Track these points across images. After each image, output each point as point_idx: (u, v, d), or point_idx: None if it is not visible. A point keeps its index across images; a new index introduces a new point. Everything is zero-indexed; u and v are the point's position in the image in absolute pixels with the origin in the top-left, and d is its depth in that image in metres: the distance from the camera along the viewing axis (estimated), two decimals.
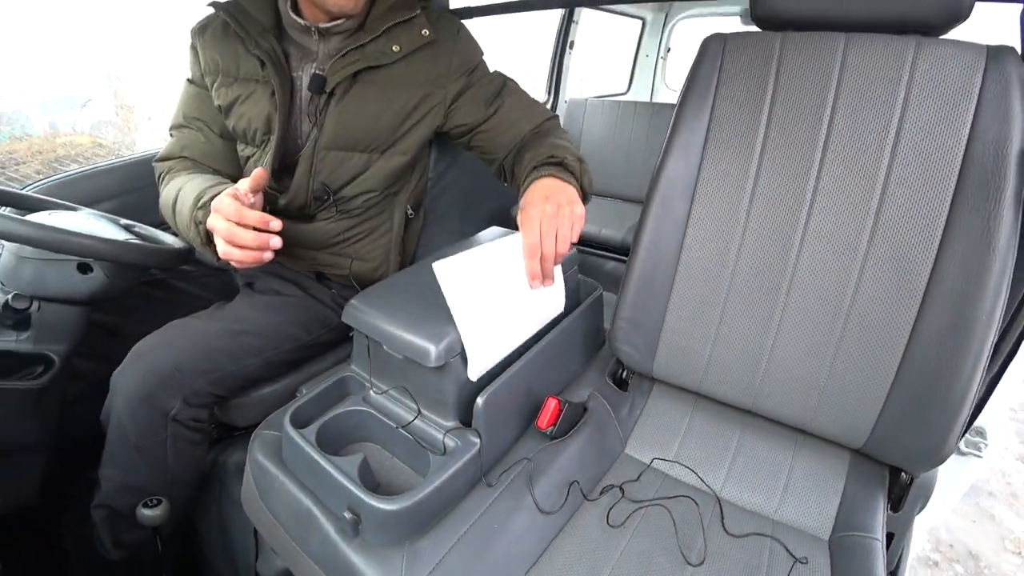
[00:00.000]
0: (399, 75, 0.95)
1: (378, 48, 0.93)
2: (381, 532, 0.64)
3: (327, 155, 0.96)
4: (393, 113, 0.95)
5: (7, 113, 2.89)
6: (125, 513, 0.86)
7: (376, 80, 0.94)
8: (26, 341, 0.86)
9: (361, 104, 0.94)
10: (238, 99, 0.96)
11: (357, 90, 0.94)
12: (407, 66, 0.95)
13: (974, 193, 0.68)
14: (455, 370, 0.72)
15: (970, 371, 0.68)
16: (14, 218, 0.75)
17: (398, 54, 0.94)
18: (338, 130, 0.94)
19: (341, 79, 0.92)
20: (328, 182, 0.97)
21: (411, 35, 0.95)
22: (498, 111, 0.99)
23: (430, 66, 0.96)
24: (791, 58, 0.80)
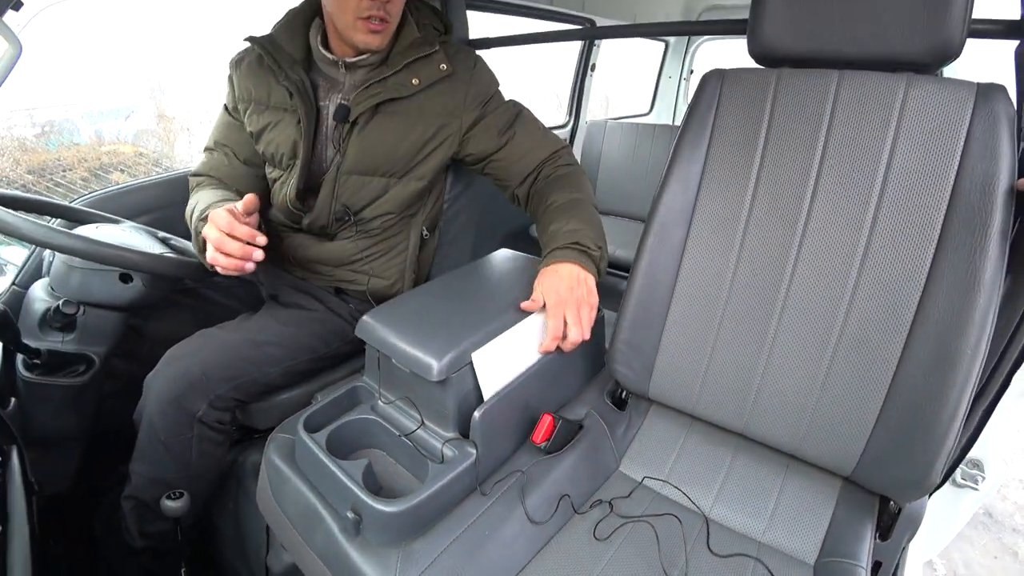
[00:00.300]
0: (418, 106, 1.02)
1: (399, 81, 1.00)
2: (380, 532, 0.69)
3: (348, 179, 1.03)
4: (411, 142, 1.02)
5: (58, 122, 3.04)
6: (151, 505, 0.94)
7: (396, 111, 1.02)
8: (71, 342, 0.95)
9: (381, 133, 1.01)
10: (268, 126, 1.04)
11: (378, 120, 1.01)
12: (425, 98, 1.02)
13: (961, 228, 0.70)
14: (456, 384, 0.77)
15: (955, 403, 0.70)
16: (66, 232, 0.83)
17: (417, 87, 1.01)
18: (359, 156, 1.01)
19: (364, 109, 0.99)
20: (349, 204, 1.04)
21: (430, 69, 1.02)
22: (510, 141, 1.05)
23: (447, 98, 1.03)
24: (786, 94, 0.83)
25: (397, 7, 0.97)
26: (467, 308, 0.88)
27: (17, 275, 1.16)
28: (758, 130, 0.85)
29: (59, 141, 2.95)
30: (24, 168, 2.46)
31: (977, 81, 0.73)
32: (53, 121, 2.97)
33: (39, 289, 0.98)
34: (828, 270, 0.79)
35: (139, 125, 3.26)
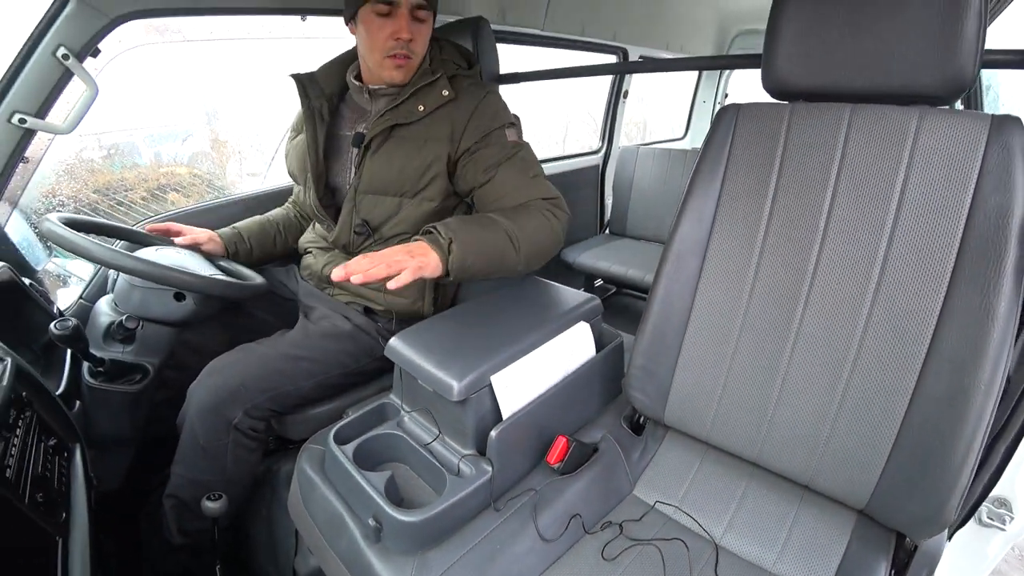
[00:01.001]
0: (422, 131, 1.11)
1: (407, 108, 1.10)
2: (398, 540, 0.74)
3: (365, 197, 1.13)
4: (416, 164, 1.11)
5: (121, 144, 3.26)
6: (190, 504, 1.01)
7: (405, 135, 1.11)
8: (130, 353, 1.04)
9: (391, 156, 1.11)
10: (292, 148, 1.22)
11: (390, 144, 1.12)
12: (430, 122, 1.11)
13: (975, 262, 0.69)
14: (475, 404, 0.82)
15: (969, 438, 0.69)
16: (131, 255, 0.93)
17: (423, 112, 1.10)
18: (373, 177, 1.12)
19: (376, 133, 1.10)
20: (367, 219, 1.14)
21: (433, 95, 1.11)
22: (492, 179, 1.09)
23: (449, 124, 1.11)
24: (799, 128, 0.84)
25: (419, 45, 1.10)
26: (490, 332, 0.93)
27: (84, 290, 1.28)
28: (771, 164, 0.86)
29: (122, 163, 3.16)
30: (91, 188, 2.66)
31: (991, 113, 0.73)
32: (118, 144, 3.19)
33: (104, 304, 1.09)
34: (840, 303, 0.79)
35: (195, 148, 3.47)
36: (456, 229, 0.93)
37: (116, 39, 1.12)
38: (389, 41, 1.06)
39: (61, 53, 1.02)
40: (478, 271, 0.95)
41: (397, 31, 1.05)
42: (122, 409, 1.04)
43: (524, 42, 2.03)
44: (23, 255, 1.18)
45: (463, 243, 0.92)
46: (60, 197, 2.31)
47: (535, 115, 4.69)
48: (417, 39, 1.08)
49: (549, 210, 1.07)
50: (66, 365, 1.02)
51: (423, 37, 1.09)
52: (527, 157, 1.13)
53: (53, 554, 0.62)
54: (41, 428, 0.76)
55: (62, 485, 0.73)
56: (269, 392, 1.04)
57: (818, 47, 0.81)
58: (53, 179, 2.29)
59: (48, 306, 1.11)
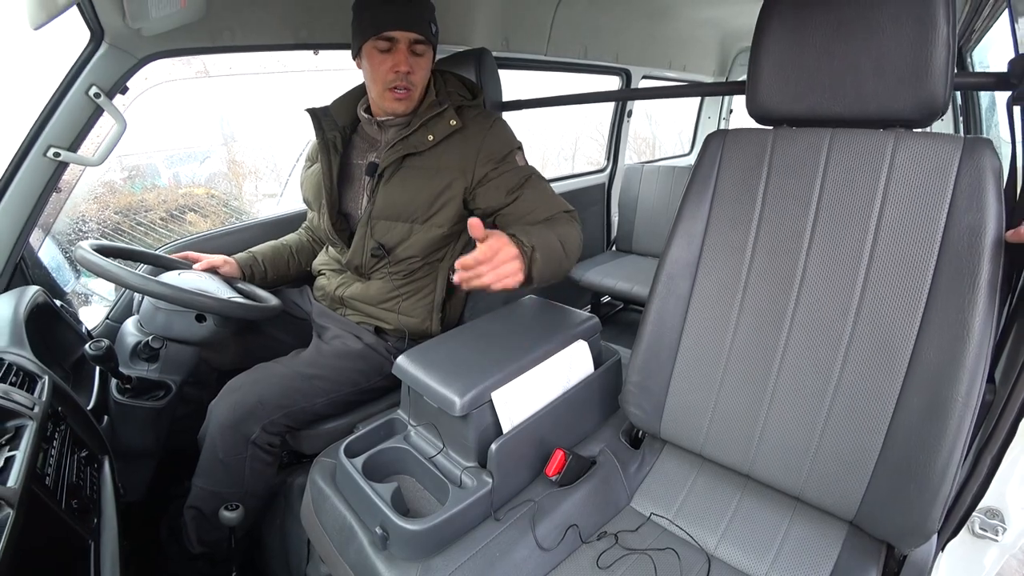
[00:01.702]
0: (435, 160, 1.18)
1: (417, 138, 1.17)
2: (404, 548, 0.79)
3: (378, 223, 1.20)
4: (427, 192, 1.17)
5: (142, 166, 3.36)
6: (209, 515, 1.07)
7: (416, 165, 1.18)
8: (154, 371, 1.11)
9: (403, 184, 1.18)
10: (308, 176, 1.31)
11: (402, 173, 1.18)
12: (442, 151, 1.18)
13: (950, 280, 0.73)
14: (476, 419, 0.87)
15: (949, 450, 0.72)
16: (156, 280, 1.00)
17: (433, 142, 1.17)
18: (385, 204, 1.19)
19: (388, 163, 1.17)
20: (383, 242, 1.21)
21: (441, 125, 1.18)
22: (517, 200, 1.15)
23: (459, 153, 1.17)
24: (782, 152, 0.89)
25: (419, 77, 1.16)
26: (492, 350, 0.98)
27: (111, 311, 1.36)
28: (757, 187, 0.90)
29: (142, 184, 3.26)
30: (112, 210, 2.76)
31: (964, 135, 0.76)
32: (139, 165, 3.29)
33: (130, 325, 1.16)
34: (824, 321, 0.83)
35: (212, 169, 3.58)
36: (537, 240, 0.95)
37: (143, 76, 1.21)
38: (390, 74, 1.13)
39: (93, 92, 1.10)
40: (546, 277, 0.99)
41: (396, 64, 1.12)
42: (147, 423, 1.10)
43: (528, 67, 2.10)
44: (54, 278, 1.26)
45: (542, 251, 0.95)
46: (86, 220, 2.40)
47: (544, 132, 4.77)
48: (416, 71, 1.14)
49: (573, 220, 1.16)
50: (95, 382, 1.08)
51: (422, 69, 1.16)
52: (541, 179, 1.21)
53: (87, 555, 0.68)
54: (74, 441, 0.82)
55: (94, 493, 0.79)
56: (285, 409, 1.10)
57: (798, 74, 0.85)
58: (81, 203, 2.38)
59: (77, 326, 1.18)
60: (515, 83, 1.86)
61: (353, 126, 1.28)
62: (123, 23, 1.06)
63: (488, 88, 1.46)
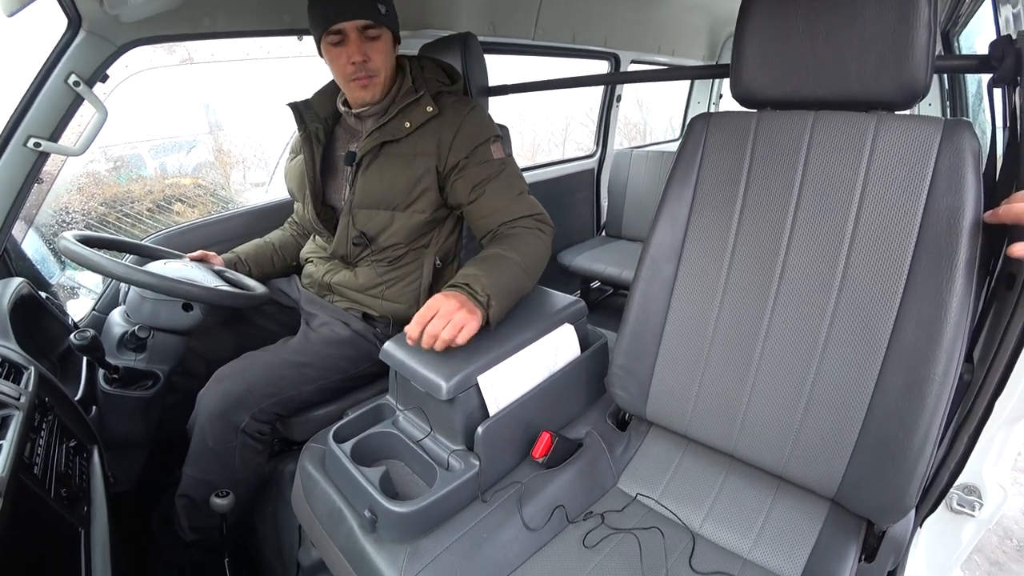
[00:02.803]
0: (410, 147, 1.17)
1: (394, 125, 1.17)
2: (392, 530, 0.80)
3: (359, 212, 1.20)
4: (406, 179, 1.17)
5: (127, 156, 3.32)
6: (200, 504, 1.07)
7: (393, 152, 1.18)
8: (142, 361, 1.11)
9: (381, 172, 1.18)
10: (292, 167, 1.30)
11: (380, 161, 1.18)
12: (418, 138, 1.17)
13: (929, 261, 0.73)
14: (462, 403, 0.88)
15: (926, 428, 0.73)
16: (142, 270, 1.00)
17: (409, 129, 1.16)
18: (365, 192, 1.18)
19: (366, 151, 1.17)
20: (365, 231, 1.20)
21: (418, 112, 1.17)
22: (479, 198, 1.15)
23: (435, 139, 1.17)
24: (765, 135, 0.89)
25: (377, 62, 1.13)
26: (478, 335, 0.97)
27: (97, 302, 1.35)
28: (740, 170, 0.91)
29: (128, 175, 3.22)
30: (98, 201, 2.73)
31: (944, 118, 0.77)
32: (123, 156, 3.25)
33: (117, 315, 1.15)
34: (807, 302, 0.84)
35: (199, 158, 3.54)
36: (488, 284, 0.96)
37: (123, 64, 1.19)
38: (348, 67, 1.12)
39: (72, 80, 1.09)
40: (507, 310, 1.01)
41: (350, 56, 1.10)
42: (135, 413, 1.10)
43: (515, 52, 2.09)
44: (39, 270, 1.25)
45: (498, 298, 0.96)
46: (71, 213, 2.38)
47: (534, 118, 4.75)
48: (373, 57, 1.12)
49: (538, 227, 1.13)
50: (82, 373, 1.08)
51: (380, 53, 1.13)
52: (512, 174, 1.19)
53: (77, 542, 0.69)
54: (62, 431, 0.83)
55: (83, 482, 0.79)
56: (274, 397, 1.10)
57: (781, 57, 0.85)
58: (64, 195, 2.35)
59: (64, 317, 1.18)
60: (502, 68, 1.85)
61: (335, 117, 1.28)
62: (101, 9, 1.05)
63: (474, 73, 1.45)
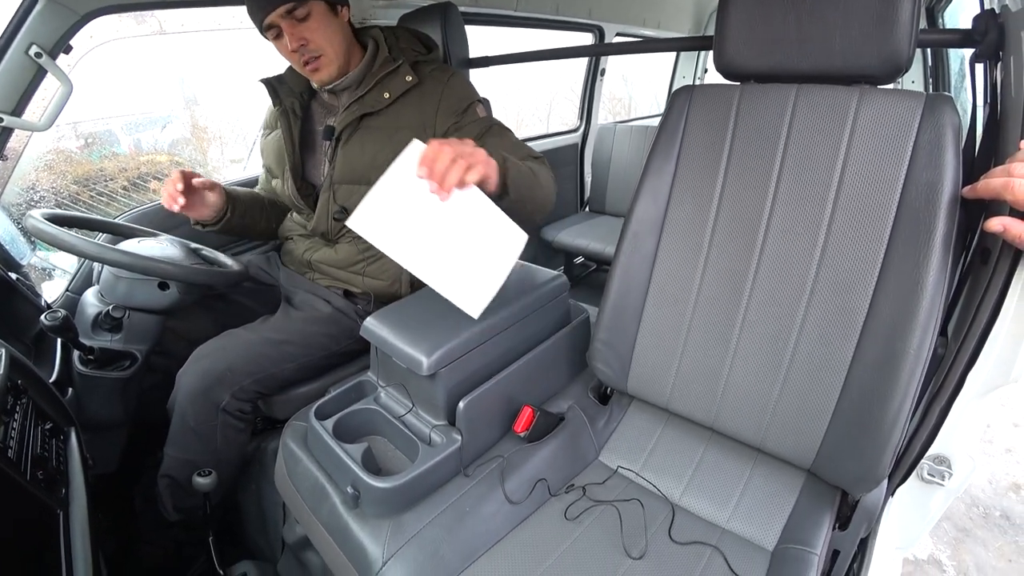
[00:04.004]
0: (393, 118, 1.14)
1: (373, 97, 1.14)
2: (375, 505, 0.80)
3: (340, 187, 1.18)
4: (388, 151, 1.12)
5: (99, 133, 3.22)
6: (183, 483, 1.07)
7: (374, 124, 1.15)
8: (118, 341, 1.09)
9: (362, 145, 1.15)
10: (267, 144, 1.26)
11: (360, 134, 1.15)
12: (399, 109, 1.15)
13: (907, 235, 0.74)
14: (444, 378, 0.88)
15: (900, 401, 0.75)
16: (115, 248, 0.98)
17: (389, 100, 1.14)
18: (345, 167, 1.16)
19: (344, 125, 1.14)
20: (346, 206, 1.18)
21: (397, 82, 1.14)
22: None
23: (419, 109, 1.14)
24: (748, 108, 0.89)
25: (318, 41, 1.08)
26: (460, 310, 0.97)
27: (70, 282, 1.32)
28: (723, 143, 0.90)
29: (101, 152, 3.13)
30: (70, 179, 2.65)
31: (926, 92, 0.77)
32: (95, 133, 3.15)
33: (91, 295, 1.13)
34: (787, 275, 0.84)
35: (175, 134, 3.44)
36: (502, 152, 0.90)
37: (87, 34, 1.14)
38: (293, 55, 1.09)
39: (34, 51, 1.04)
40: (523, 192, 0.93)
41: (289, 43, 1.06)
42: (113, 394, 1.09)
43: (497, 23, 2.04)
44: (8, 251, 1.21)
45: (512, 162, 0.91)
46: (40, 191, 2.31)
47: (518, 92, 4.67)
48: (309, 37, 1.07)
49: (543, 163, 1.09)
50: (57, 354, 1.06)
51: (316, 31, 1.07)
52: (503, 128, 1.17)
53: (55, 525, 0.68)
54: (37, 413, 0.81)
55: (60, 464, 0.78)
56: (255, 375, 1.09)
57: (765, 30, 0.84)
58: (32, 173, 2.28)
59: (36, 299, 1.15)
60: (484, 40, 1.81)
61: (311, 92, 1.24)
62: None
63: (454, 44, 1.42)
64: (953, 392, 0.90)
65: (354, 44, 1.17)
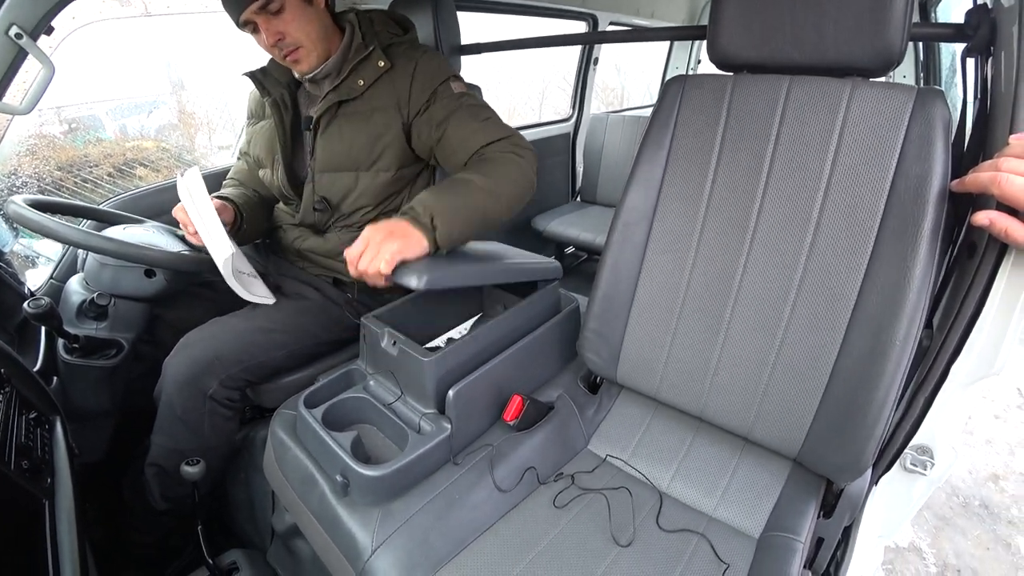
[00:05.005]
0: (367, 104, 1.13)
1: (347, 85, 1.12)
2: (364, 493, 0.80)
3: (322, 176, 1.16)
4: (365, 136, 1.13)
5: (83, 118, 3.15)
6: (171, 472, 1.06)
7: (350, 112, 1.14)
8: (104, 329, 1.08)
9: (340, 133, 1.14)
10: (255, 134, 1.23)
11: (337, 122, 1.14)
12: (373, 95, 1.13)
13: (896, 228, 0.74)
14: (434, 366, 0.88)
15: (885, 392, 0.75)
16: (99, 235, 0.96)
17: (363, 87, 1.12)
18: (325, 156, 1.15)
19: (320, 114, 1.12)
20: (327, 196, 1.17)
21: (370, 68, 1.13)
22: (443, 134, 1.09)
23: (390, 92, 1.13)
24: (740, 98, 0.89)
25: (294, 34, 1.06)
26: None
27: (54, 270, 1.30)
28: (715, 133, 0.90)
29: (85, 138, 3.07)
30: (53, 165, 2.60)
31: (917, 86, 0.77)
32: (79, 118, 3.09)
33: (75, 283, 1.11)
34: (777, 265, 0.85)
35: (161, 120, 3.39)
36: (433, 204, 0.91)
37: (69, 15, 1.11)
38: (272, 50, 1.08)
39: (14, 32, 1.01)
40: (466, 236, 0.96)
41: (266, 39, 1.05)
42: (99, 383, 1.08)
43: (490, 10, 2.02)
44: None
45: (444, 216, 0.90)
46: (23, 177, 2.26)
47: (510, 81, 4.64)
48: (285, 31, 1.05)
49: (512, 152, 1.05)
50: (41, 343, 1.05)
51: (291, 23, 1.05)
52: (475, 103, 1.13)
53: (41, 514, 0.68)
54: (21, 402, 0.80)
55: (45, 453, 0.78)
56: (243, 363, 1.08)
57: (759, 20, 0.84)
58: (14, 158, 2.23)
59: (19, 287, 1.13)
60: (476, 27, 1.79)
61: (296, 82, 1.22)
62: None
63: (446, 30, 1.40)
64: (937, 383, 0.91)
65: (333, 30, 1.15)
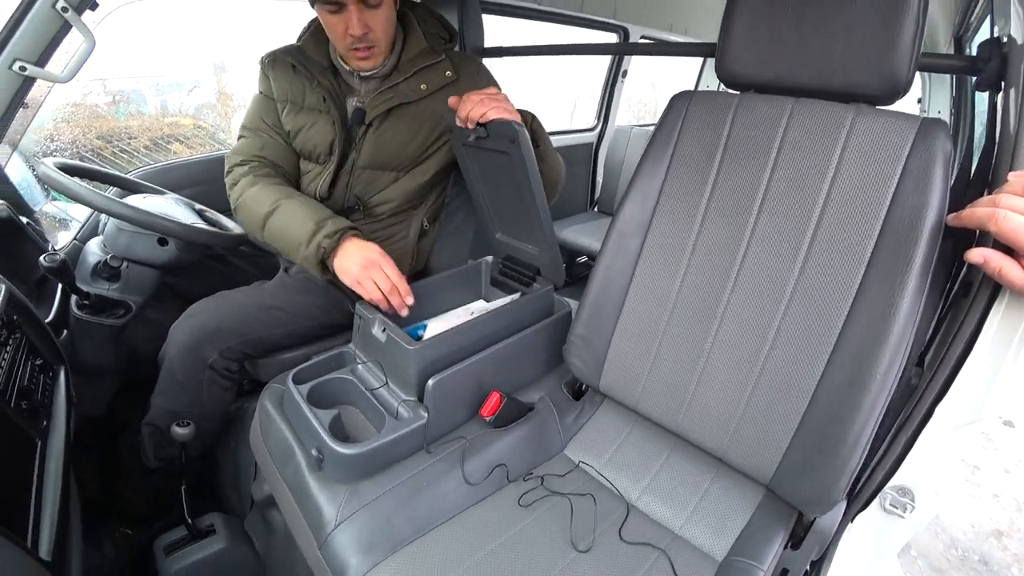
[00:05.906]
0: (425, 110, 1.15)
1: (408, 87, 1.13)
2: (337, 470, 0.83)
3: (362, 173, 1.18)
4: (419, 141, 1.15)
5: (127, 92, 3.27)
6: (165, 432, 1.11)
7: (406, 113, 1.15)
8: (115, 290, 1.13)
9: (394, 133, 1.15)
10: (304, 126, 1.17)
11: (391, 121, 1.15)
12: (433, 102, 1.15)
13: (887, 259, 0.73)
14: (417, 355, 0.90)
15: (861, 425, 0.74)
16: (118, 201, 1.02)
17: (425, 92, 1.14)
18: (373, 153, 1.16)
19: (378, 113, 1.13)
20: (361, 195, 1.19)
21: (437, 76, 1.14)
22: None
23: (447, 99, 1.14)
24: (744, 116, 0.88)
25: (379, 32, 1.04)
26: None
27: (78, 232, 1.37)
28: (715, 150, 0.90)
29: (127, 110, 3.19)
30: (94, 134, 2.71)
31: (922, 116, 0.76)
32: (124, 91, 3.21)
33: (94, 245, 1.18)
34: (764, 289, 0.84)
35: (201, 99, 3.50)
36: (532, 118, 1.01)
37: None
38: (346, 38, 1.03)
39: (60, 6, 1.07)
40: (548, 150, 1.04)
41: (349, 28, 1.01)
42: (106, 340, 1.14)
43: (516, 15, 2.02)
44: (21, 195, 1.26)
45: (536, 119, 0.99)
46: (60, 142, 2.36)
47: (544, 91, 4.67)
48: (375, 27, 1.03)
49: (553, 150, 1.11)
50: (56, 297, 1.11)
51: (381, 22, 1.03)
52: None
53: (33, 453, 0.72)
54: (29, 349, 0.86)
55: (45, 398, 0.83)
56: (243, 336, 1.13)
57: (767, 40, 0.84)
58: (52, 125, 2.33)
59: (43, 244, 1.20)
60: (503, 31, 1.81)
61: (333, 69, 1.18)
62: None
63: (470, 32, 1.43)
64: (920, 423, 0.89)
65: (396, 28, 1.13)
